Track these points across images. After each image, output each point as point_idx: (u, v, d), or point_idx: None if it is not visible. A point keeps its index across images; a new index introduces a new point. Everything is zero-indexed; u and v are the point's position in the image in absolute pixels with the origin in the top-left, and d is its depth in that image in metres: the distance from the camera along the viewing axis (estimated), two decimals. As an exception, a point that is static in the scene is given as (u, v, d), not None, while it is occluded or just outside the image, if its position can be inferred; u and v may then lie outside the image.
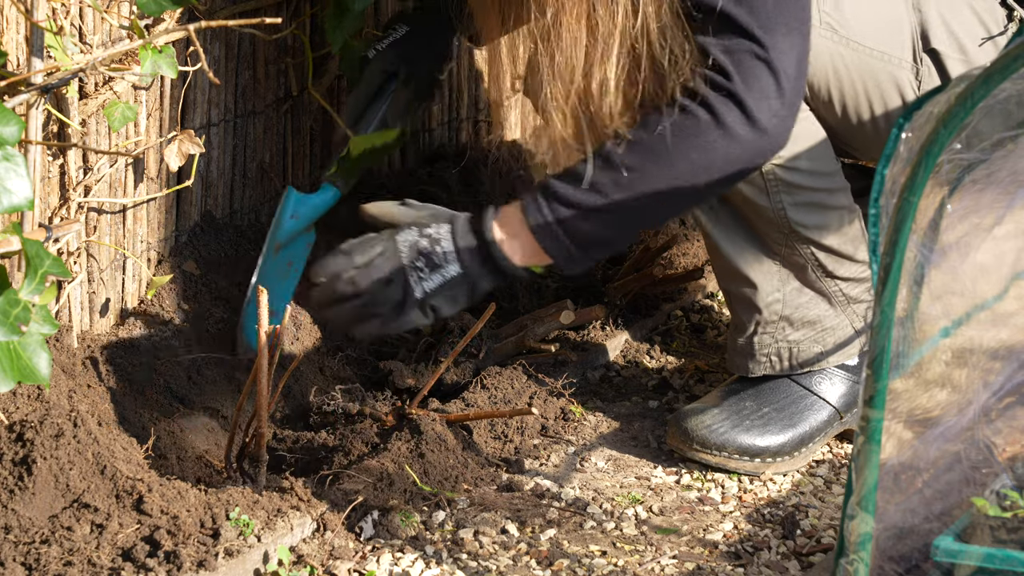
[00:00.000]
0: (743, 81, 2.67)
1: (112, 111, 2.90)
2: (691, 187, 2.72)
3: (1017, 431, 2.30)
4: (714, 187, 2.75)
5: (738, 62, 2.67)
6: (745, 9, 2.67)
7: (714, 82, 2.68)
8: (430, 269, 2.74)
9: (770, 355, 3.08)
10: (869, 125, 2.96)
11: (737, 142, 2.68)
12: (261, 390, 2.72)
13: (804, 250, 3.00)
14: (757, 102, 2.67)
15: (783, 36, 2.68)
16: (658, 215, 2.83)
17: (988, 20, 3.01)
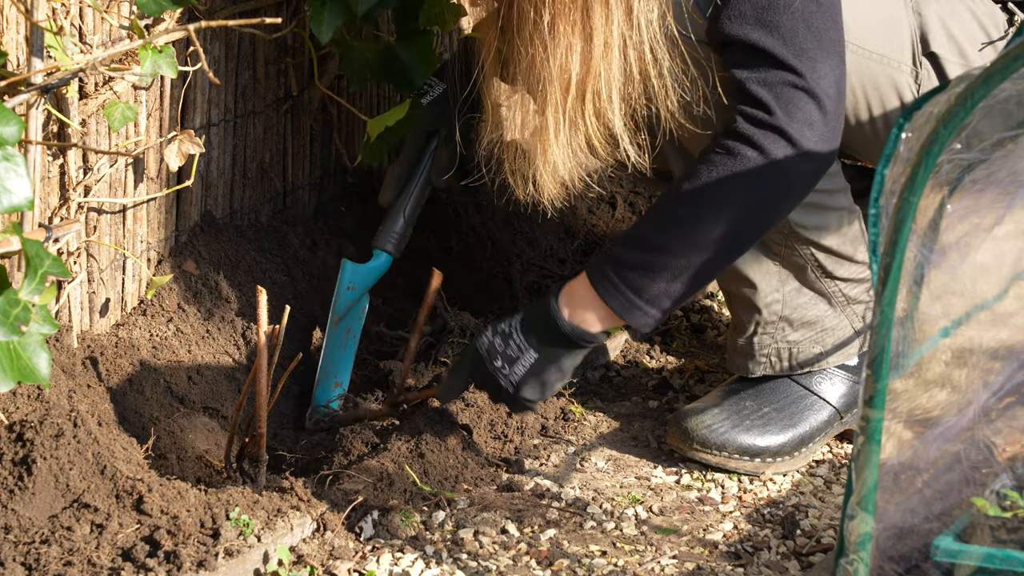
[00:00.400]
0: (785, 113, 2.70)
1: (112, 111, 2.90)
2: (752, 223, 2.77)
3: (1017, 431, 2.30)
4: (774, 217, 2.81)
5: (778, 95, 2.70)
6: (778, 40, 2.70)
7: (756, 118, 2.71)
8: (509, 364, 2.85)
9: (770, 355, 3.08)
10: (868, 127, 2.96)
11: (788, 173, 2.72)
12: (260, 390, 2.72)
13: (803, 251, 3.00)
14: (801, 131, 2.71)
15: (820, 61, 2.72)
16: (727, 257, 2.83)
17: (988, 24, 3.00)
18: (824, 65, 2.72)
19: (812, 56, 2.71)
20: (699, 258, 2.75)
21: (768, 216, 2.80)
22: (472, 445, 3.01)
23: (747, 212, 2.75)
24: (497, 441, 3.08)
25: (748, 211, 2.75)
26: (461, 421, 3.05)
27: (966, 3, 3.01)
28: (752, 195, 2.73)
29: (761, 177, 2.72)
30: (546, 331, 2.83)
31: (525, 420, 3.13)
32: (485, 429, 3.08)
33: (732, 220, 2.74)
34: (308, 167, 3.60)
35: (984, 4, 3.03)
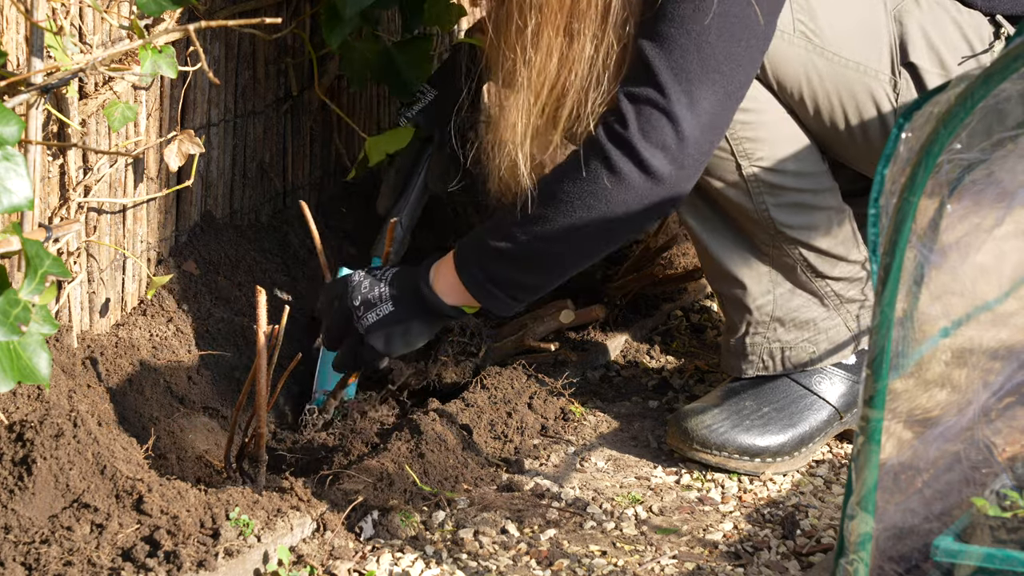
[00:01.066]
0: (640, 129, 2.68)
1: (112, 111, 2.90)
2: (596, 232, 2.76)
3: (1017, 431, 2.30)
4: (620, 232, 2.79)
5: (639, 110, 2.69)
6: (662, 56, 2.68)
7: (613, 130, 2.70)
8: (365, 308, 2.89)
9: (762, 355, 3.08)
10: (845, 133, 2.95)
11: (632, 190, 2.71)
12: (260, 390, 2.72)
13: (792, 251, 3.00)
14: (652, 151, 2.68)
15: (697, 87, 2.67)
16: (573, 260, 2.84)
17: (972, 36, 2.96)
18: (700, 92, 2.68)
19: (689, 80, 2.67)
20: (545, 253, 2.78)
21: (610, 230, 2.76)
22: (472, 445, 3.01)
23: (589, 219, 2.74)
24: (497, 441, 3.09)
25: (589, 218, 2.74)
26: (461, 421, 3.05)
27: (951, 14, 2.97)
28: (594, 202, 2.73)
29: (604, 188, 2.71)
30: (409, 291, 2.87)
31: (525, 420, 3.13)
32: (485, 429, 3.08)
33: (575, 226, 2.74)
34: (308, 167, 3.60)
35: (971, 15, 2.99)
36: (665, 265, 3.66)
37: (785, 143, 2.93)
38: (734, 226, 3.02)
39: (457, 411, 3.08)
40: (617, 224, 2.75)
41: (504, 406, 3.14)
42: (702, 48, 2.66)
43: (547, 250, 2.78)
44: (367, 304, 2.88)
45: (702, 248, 3.06)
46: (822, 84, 2.90)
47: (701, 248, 3.06)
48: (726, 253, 3.03)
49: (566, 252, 2.80)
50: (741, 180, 2.94)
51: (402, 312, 2.88)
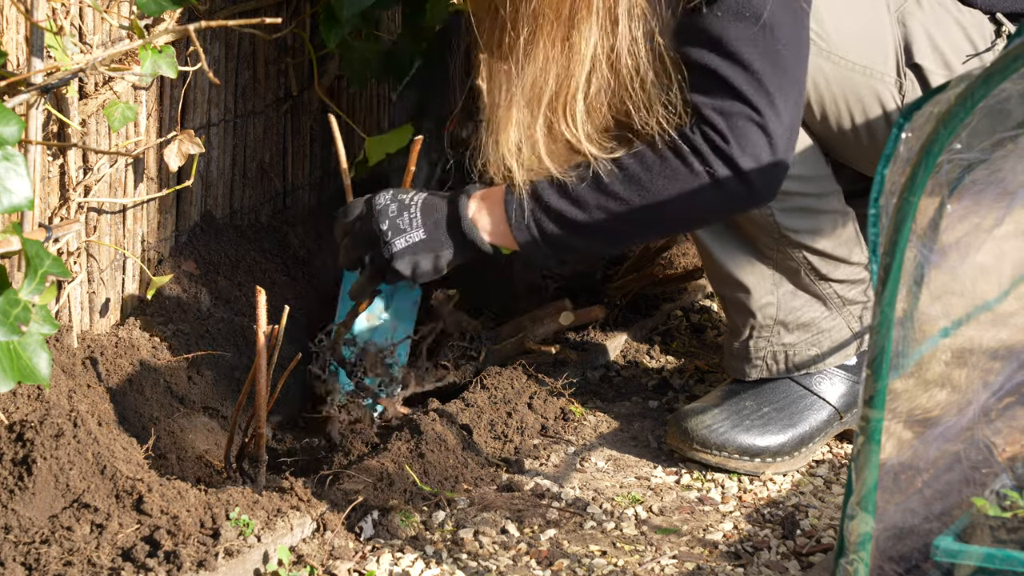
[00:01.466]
0: (738, 144, 2.75)
1: (112, 111, 2.90)
2: (669, 224, 2.88)
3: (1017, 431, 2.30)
4: (689, 227, 2.98)
5: (733, 126, 2.75)
6: (744, 75, 2.74)
7: (712, 141, 2.75)
8: (393, 232, 2.86)
9: (765, 358, 3.08)
10: (851, 136, 2.95)
11: (726, 197, 2.78)
12: (260, 390, 2.72)
13: (796, 254, 3.00)
14: (750, 164, 2.75)
15: (779, 100, 2.75)
16: (631, 239, 2.99)
17: (975, 35, 2.98)
18: (783, 104, 2.75)
19: (773, 94, 2.74)
20: (611, 231, 2.82)
21: (687, 225, 2.96)
22: (472, 445, 3.01)
23: (670, 212, 2.80)
24: (497, 441, 3.09)
25: (671, 212, 2.80)
26: (461, 421, 3.05)
27: (952, 14, 2.99)
28: (683, 200, 2.78)
29: (699, 190, 2.77)
30: (443, 220, 2.86)
31: (525, 420, 3.13)
32: (485, 429, 3.08)
33: (654, 213, 2.80)
34: (308, 167, 3.60)
35: (972, 15, 3.00)
36: (665, 265, 3.66)
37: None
38: (738, 230, 3.02)
39: (457, 411, 3.08)
40: (694, 219, 2.89)
41: (504, 406, 3.14)
42: (776, 60, 2.74)
43: (616, 228, 2.82)
44: (395, 229, 2.86)
45: (705, 252, 3.06)
46: (828, 88, 2.91)
47: (704, 252, 3.06)
48: (729, 257, 3.03)
49: (633, 232, 2.86)
50: None
51: (435, 241, 2.86)
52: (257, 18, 2.54)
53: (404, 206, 2.87)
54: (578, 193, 2.81)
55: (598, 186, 2.80)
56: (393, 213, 2.86)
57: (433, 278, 2.91)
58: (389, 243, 2.86)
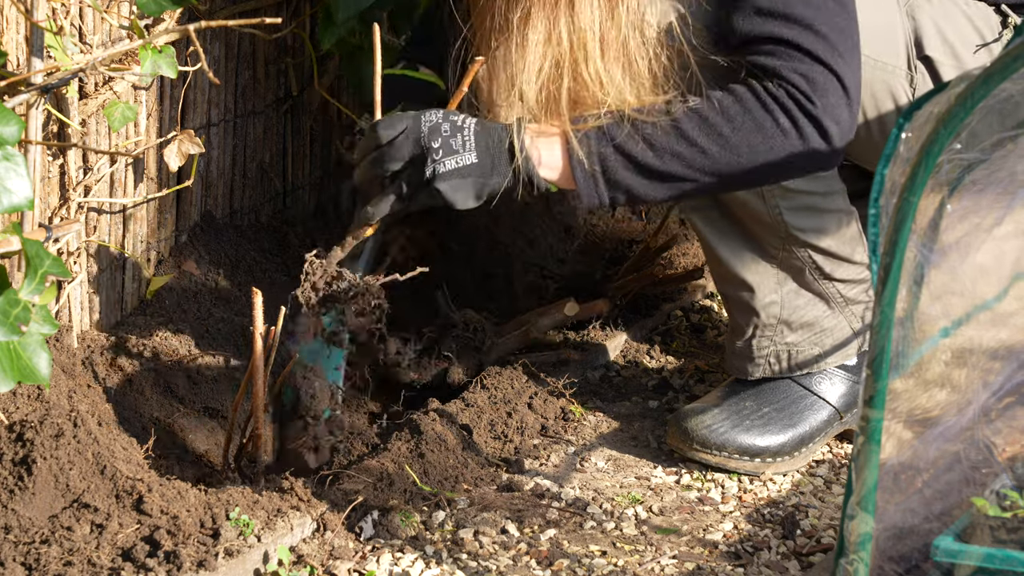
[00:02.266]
0: (822, 105, 2.77)
1: (112, 111, 2.90)
2: (742, 178, 2.82)
3: (1017, 431, 2.30)
4: (761, 183, 2.88)
5: (815, 86, 2.77)
6: (814, 37, 2.76)
7: (798, 101, 2.76)
8: (444, 152, 2.76)
9: (768, 358, 3.08)
10: (863, 131, 2.96)
11: (809, 154, 2.79)
12: (257, 391, 2.72)
13: (801, 253, 3.00)
14: (832, 125, 2.78)
15: (847, 60, 2.79)
16: (697, 191, 2.86)
17: (982, 26, 3.00)
18: (851, 64, 2.79)
19: (842, 54, 2.77)
20: (680, 179, 2.79)
21: (762, 180, 2.86)
22: (472, 445, 3.01)
23: (750, 169, 2.79)
24: (497, 441, 3.09)
25: (752, 168, 2.79)
26: (461, 421, 3.05)
27: (960, 6, 3.01)
28: (765, 156, 2.78)
29: (784, 147, 2.78)
30: (496, 146, 2.79)
31: (525, 420, 3.13)
32: (485, 429, 3.08)
33: (733, 168, 2.78)
34: (308, 167, 3.60)
35: (977, 7, 3.02)
36: (665, 265, 3.66)
37: None
38: (743, 229, 3.02)
39: (457, 411, 3.08)
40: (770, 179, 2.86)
41: (504, 406, 3.14)
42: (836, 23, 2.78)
43: (686, 176, 2.79)
44: (447, 148, 2.76)
45: (709, 251, 3.06)
46: None
47: (708, 251, 3.06)
48: (734, 256, 3.03)
49: (702, 184, 2.81)
50: None
51: (485, 167, 2.77)
52: (257, 18, 2.54)
53: (457, 127, 2.77)
54: (653, 137, 2.77)
55: (677, 131, 2.77)
56: (447, 132, 2.76)
57: (473, 207, 2.81)
58: (438, 162, 2.75)
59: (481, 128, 2.78)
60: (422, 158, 2.76)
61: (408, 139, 2.76)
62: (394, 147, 2.77)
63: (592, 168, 2.78)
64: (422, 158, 2.76)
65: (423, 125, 2.77)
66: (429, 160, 2.75)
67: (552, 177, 2.80)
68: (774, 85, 2.77)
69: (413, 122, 2.77)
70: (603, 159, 2.78)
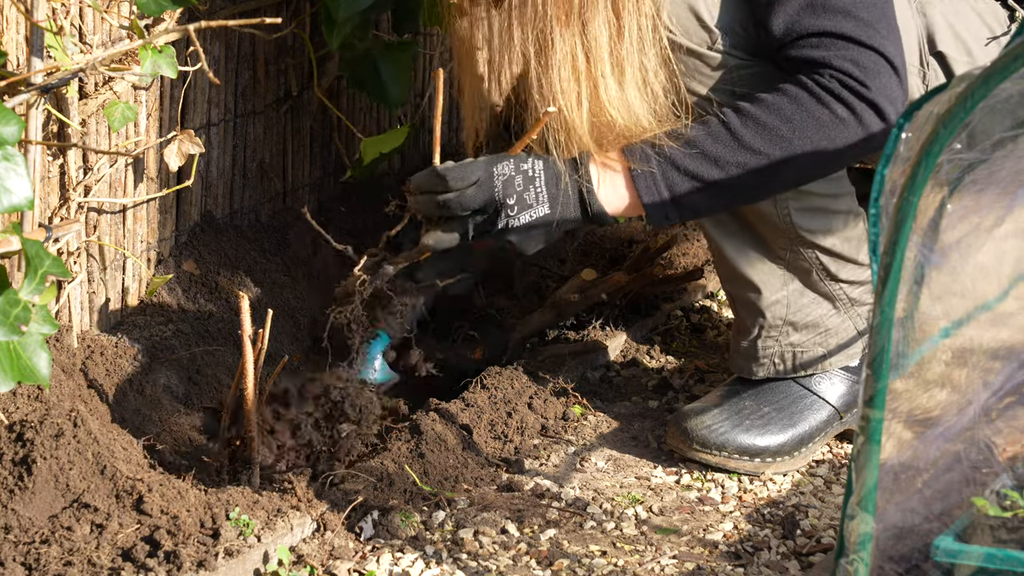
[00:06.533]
0: (876, 87, 2.80)
1: (112, 111, 2.90)
2: (810, 172, 2.86)
3: (1017, 431, 2.30)
4: (829, 173, 2.91)
5: (867, 70, 2.79)
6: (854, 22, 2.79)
7: (852, 88, 2.79)
8: (520, 207, 2.80)
9: (773, 358, 3.08)
10: None
11: (869, 139, 2.81)
12: (248, 394, 2.72)
13: (809, 254, 3.00)
14: (887, 105, 2.81)
15: (890, 40, 2.82)
16: (768, 193, 2.91)
17: (991, 21, 3.02)
18: (895, 43, 2.82)
19: (885, 35, 2.81)
20: (749, 187, 2.82)
21: (828, 170, 2.89)
22: (472, 445, 3.01)
23: (815, 163, 2.83)
24: (497, 441, 3.09)
25: (816, 162, 2.83)
26: (461, 421, 3.05)
27: (968, 2, 3.02)
28: (825, 145, 2.80)
29: (844, 134, 2.80)
30: (568, 193, 2.82)
31: (525, 420, 3.13)
32: (485, 429, 3.08)
33: (798, 165, 2.81)
34: (308, 167, 3.60)
35: (985, 2, 3.03)
36: (665, 265, 3.66)
37: None
38: (750, 229, 3.02)
39: (457, 411, 3.08)
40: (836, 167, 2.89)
41: (504, 406, 3.14)
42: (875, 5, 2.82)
43: (754, 183, 2.82)
44: (521, 204, 2.79)
45: (717, 250, 3.06)
46: None
47: (715, 250, 3.07)
48: (741, 256, 3.03)
49: (772, 186, 2.86)
50: None
51: (556, 213, 2.81)
52: (257, 18, 2.54)
53: (529, 178, 2.80)
54: (712, 151, 2.80)
55: (735, 141, 2.80)
56: (520, 186, 2.79)
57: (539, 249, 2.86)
58: (513, 216, 2.78)
59: (549, 174, 2.81)
60: (496, 211, 2.80)
61: (481, 190, 2.79)
62: (466, 197, 2.79)
63: (661, 195, 2.81)
64: (496, 211, 2.80)
65: (496, 179, 2.79)
66: (503, 215, 2.79)
67: (620, 210, 2.85)
68: (825, 77, 2.79)
69: (485, 173, 2.79)
70: (670, 184, 2.81)
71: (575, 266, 3.66)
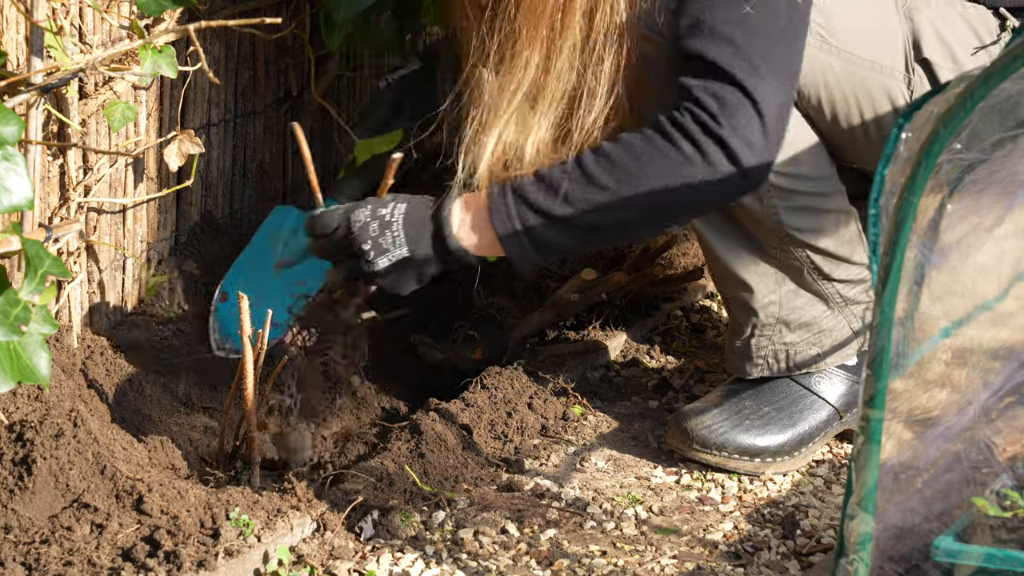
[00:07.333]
0: (730, 125, 2.70)
1: (112, 111, 2.90)
2: (659, 214, 2.77)
3: (1017, 431, 2.30)
4: (680, 217, 2.84)
5: (724, 106, 2.70)
6: (736, 58, 2.70)
7: (702, 122, 2.71)
8: (376, 252, 2.78)
9: (767, 357, 3.08)
10: (860, 133, 2.96)
11: (718, 182, 2.72)
12: (247, 394, 2.72)
13: (799, 253, 3.00)
14: (742, 147, 2.71)
15: (770, 82, 2.71)
16: (620, 234, 2.84)
17: (980, 29, 2.99)
18: (772, 86, 2.72)
19: (761, 75, 2.71)
20: (600, 226, 2.76)
21: (678, 215, 2.82)
22: (472, 445, 3.01)
23: (661, 200, 2.73)
24: (497, 441, 3.09)
25: (662, 199, 2.73)
26: (461, 421, 3.05)
27: (957, 9, 2.99)
28: (673, 186, 2.72)
29: (691, 174, 2.72)
30: (426, 234, 2.79)
31: (525, 420, 3.13)
32: (485, 429, 3.08)
33: (645, 204, 2.73)
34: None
35: (976, 9, 3.01)
36: (665, 265, 3.66)
37: (796, 146, 2.93)
38: (741, 229, 3.02)
39: (457, 411, 3.08)
40: (687, 211, 2.81)
41: (504, 406, 3.14)
42: (765, 42, 2.71)
43: (604, 221, 2.75)
44: (378, 249, 2.78)
45: (708, 250, 3.06)
46: (839, 84, 2.91)
47: (707, 250, 3.07)
48: (733, 255, 3.03)
49: (622, 227, 2.79)
50: None
51: (418, 257, 2.79)
52: (257, 18, 2.54)
53: (385, 223, 2.79)
54: (563, 188, 2.75)
55: (584, 178, 2.75)
56: (375, 232, 2.78)
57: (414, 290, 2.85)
58: (371, 262, 2.78)
59: (409, 218, 2.79)
60: (356, 258, 2.79)
61: (342, 239, 2.80)
62: (330, 244, 2.81)
63: (518, 236, 2.77)
64: (356, 258, 2.79)
65: (353, 225, 2.79)
66: (363, 260, 2.78)
67: (486, 252, 2.81)
68: (682, 111, 2.71)
69: (343, 221, 2.80)
70: (525, 223, 2.76)
71: (575, 266, 3.66)
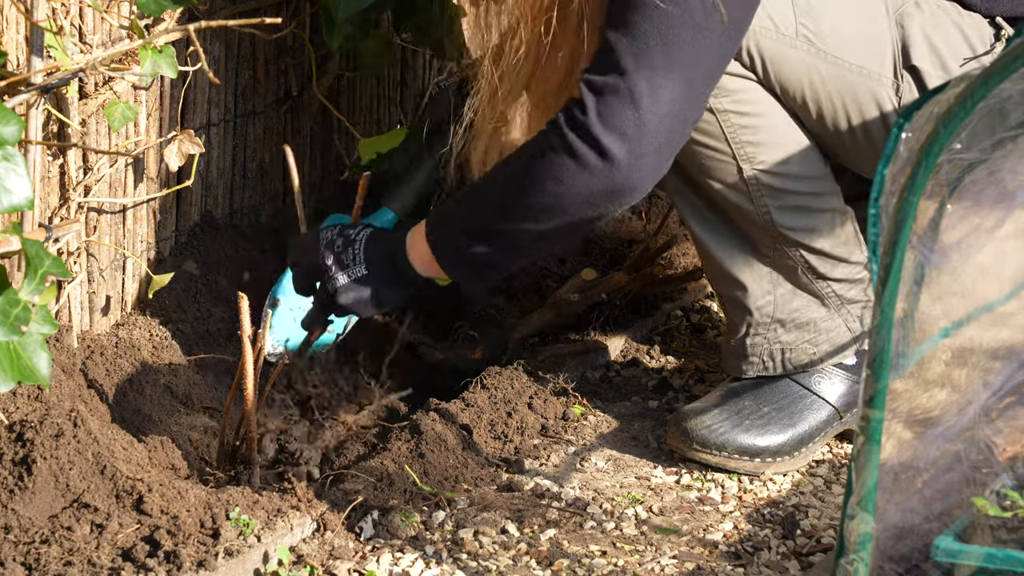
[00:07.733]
0: (598, 114, 2.61)
1: (112, 111, 2.90)
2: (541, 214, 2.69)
3: (1017, 431, 2.30)
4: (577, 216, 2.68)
5: (599, 96, 2.62)
6: (624, 43, 2.62)
7: (572, 116, 2.64)
8: (338, 267, 2.80)
9: (762, 356, 3.08)
10: (847, 136, 2.95)
11: (589, 175, 2.64)
12: (248, 394, 2.72)
13: (793, 253, 3.00)
14: (610, 136, 2.62)
15: (659, 74, 2.61)
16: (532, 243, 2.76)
17: (973, 37, 2.96)
18: (662, 80, 2.61)
19: (652, 67, 2.61)
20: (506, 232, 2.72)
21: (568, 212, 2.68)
22: (472, 445, 3.01)
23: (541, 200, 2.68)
24: (497, 441, 3.09)
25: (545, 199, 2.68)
26: (461, 421, 3.05)
27: (951, 17, 2.97)
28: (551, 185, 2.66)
29: (561, 172, 2.65)
30: (384, 257, 2.80)
31: (525, 420, 3.13)
32: (485, 429, 3.08)
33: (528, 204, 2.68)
34: (308, 167, 3.60)
35: (971, 18, 2.98)
36: (665, 265, 3.66)
37: (787, 146, 2.93)
38: (735, 228, 3.02)
39: (457, 411, 3.08)
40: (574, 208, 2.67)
41: (504, 406, 3.14)
42: (666, 36, 2.61)
43: (511, 229, 2.72)
44: (339, 264, 2.80)
45: (703, 249, 3.06)
46: (824, 87, 2.90)
47: (702, 249, 3.07)
48: (727, 254, 3.03)
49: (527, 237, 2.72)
50: (742, 183, 2.94)
51: (375, 277, 2.79)
52: (257, 18, 2.54)
53: (350, 241, 2.81)
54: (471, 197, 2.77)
55: (488, 185, 2.75)
56: (339, 248, 2.80)
57: (375, 314, 2.86)
58: (333, 277, 2.78)
59: (372, 238, 2.81)
60: (322, 274, 2.81)
61: (312, 257, 2.82)
62: (302, 265, 2.84)
63: (448, 253, 2.75)
64: (322, 274, 2.81)
65: (320, 243, 2.82)
66: (326, 276, 2.80)
67: (433, 274, 2.80)
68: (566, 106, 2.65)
69: (313, 242, 2.83)
70: (451, 239, 2.75)
71: (575, 266, 3.66)
